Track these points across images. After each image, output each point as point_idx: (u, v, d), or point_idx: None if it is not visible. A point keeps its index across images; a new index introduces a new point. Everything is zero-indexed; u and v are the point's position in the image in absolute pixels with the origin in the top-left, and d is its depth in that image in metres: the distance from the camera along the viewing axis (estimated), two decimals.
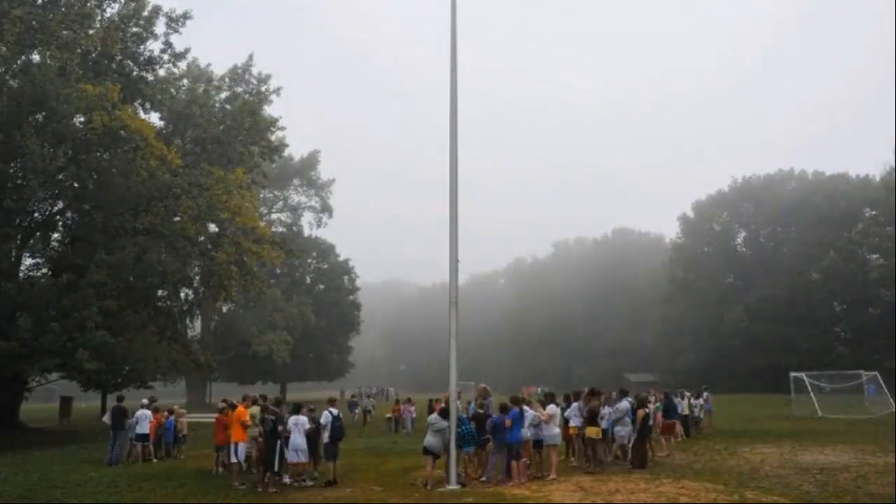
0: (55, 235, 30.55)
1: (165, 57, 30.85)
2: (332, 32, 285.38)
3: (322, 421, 13.55)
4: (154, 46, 30.50)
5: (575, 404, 15.09)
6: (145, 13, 29.77)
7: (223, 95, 35.56)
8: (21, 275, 27.65)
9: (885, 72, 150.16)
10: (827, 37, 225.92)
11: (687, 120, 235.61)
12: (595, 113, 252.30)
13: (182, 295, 35.95)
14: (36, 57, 26.62)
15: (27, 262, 28.97)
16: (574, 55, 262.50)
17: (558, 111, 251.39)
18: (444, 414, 13.02)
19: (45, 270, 28.43)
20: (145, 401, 19.14)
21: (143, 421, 18.27)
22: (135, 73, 29.94)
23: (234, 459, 13.79)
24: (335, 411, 13.71)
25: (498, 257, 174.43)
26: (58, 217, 29.81)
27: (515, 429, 12.62)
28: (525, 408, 13.66)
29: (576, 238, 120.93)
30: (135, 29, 29.62)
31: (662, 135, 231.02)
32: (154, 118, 31.86)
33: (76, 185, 28.09)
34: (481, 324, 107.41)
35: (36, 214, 28.65)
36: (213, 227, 32.25)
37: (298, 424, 13.08)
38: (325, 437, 13.43)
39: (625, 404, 15.29)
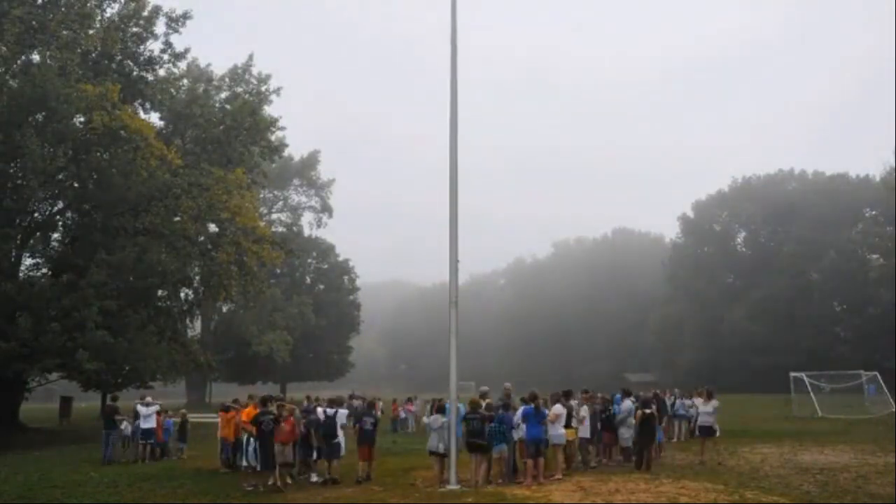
0: (55, 235, 30.53)
1: (165, 57, 30.82)
2: (332, 30, 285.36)
3: None
4: (154, 46, 30.50)
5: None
6: (145, 13, 29.72)
7: (223, 95, 35.49)
8: (21, 275, 27.61)
9: (886, 72, 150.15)
10: (827, 36, 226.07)
11: (687, 119, 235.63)
12: (594, 113, 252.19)
13: (182, 295, 35.91)
14: (36, 57, 26.58)
15: (27, 262, 28.96)
16: (572, 54, 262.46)
17: (558, 112, 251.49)
18: (441, 410, 12.99)
19: (45, 270, 28.40)
20: (149, 399, 19.17)
21: (149, 418, 18.28)
22: (135, 73, 29.90)
23: (244, 463, 13.78)
24: (331, 410, 13.85)
25: (498, 257, 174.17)
26: (58, 217, 29.79)
27: (531, 426, 12.30)
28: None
29: (576, 238, 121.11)
30: (135, 29, 29.57)
31: (663, 134, 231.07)
32: (154, 118, 31.85)
33: (76, 185, 28.07)
34: (481, 324, 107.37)
35: (36, 214, 28.61)
36: (213, 227, 32.23)
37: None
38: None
39: (628, 405, 15.28)
